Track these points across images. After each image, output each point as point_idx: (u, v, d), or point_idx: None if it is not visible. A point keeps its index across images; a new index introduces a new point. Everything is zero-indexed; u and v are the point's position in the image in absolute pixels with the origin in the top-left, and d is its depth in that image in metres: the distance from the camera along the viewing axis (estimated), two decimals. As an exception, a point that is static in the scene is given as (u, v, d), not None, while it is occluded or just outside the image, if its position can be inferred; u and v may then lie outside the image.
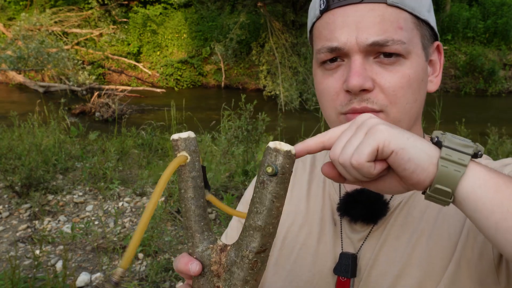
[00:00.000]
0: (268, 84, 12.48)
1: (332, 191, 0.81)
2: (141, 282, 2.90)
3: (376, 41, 0.65)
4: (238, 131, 4.84)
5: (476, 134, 5.59)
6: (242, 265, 0.48)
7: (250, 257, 0.48)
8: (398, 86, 0.67)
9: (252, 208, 0.48)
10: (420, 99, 0.71)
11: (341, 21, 0.67)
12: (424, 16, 0.70)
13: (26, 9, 15.99)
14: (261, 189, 0.47)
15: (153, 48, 15.15)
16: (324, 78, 0.71)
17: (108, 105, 9.63)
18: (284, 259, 0.80)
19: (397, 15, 0.67)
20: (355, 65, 0.66)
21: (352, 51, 0.66)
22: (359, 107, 0.67)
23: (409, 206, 0.72)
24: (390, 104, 0.67)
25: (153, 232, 3.31)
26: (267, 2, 13.19)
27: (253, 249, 0.48)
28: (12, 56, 10.76)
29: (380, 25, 0.66)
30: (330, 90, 0.70)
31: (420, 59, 0.69)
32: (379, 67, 0.67)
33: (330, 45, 0.68)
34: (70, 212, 3.99)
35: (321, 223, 0.79)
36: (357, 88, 0.65)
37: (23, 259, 3.16)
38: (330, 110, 0.71)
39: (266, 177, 0.47)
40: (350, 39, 0.66)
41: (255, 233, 0.47)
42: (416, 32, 0.69)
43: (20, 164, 4.37)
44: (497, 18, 14.41)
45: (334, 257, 0.74)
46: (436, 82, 0.75)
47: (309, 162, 0.88)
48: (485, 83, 13.24)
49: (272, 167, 0.46)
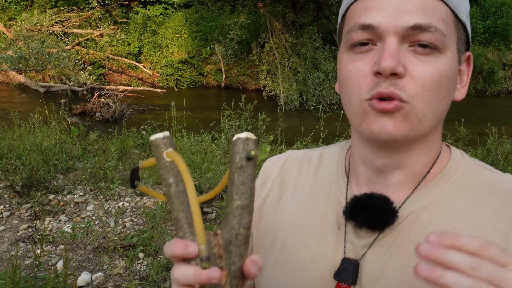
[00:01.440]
0: (268, 84, 12.49)
1: (339, 193, 0.76)
2: (141, 282, 2.91)
3: (419, 23, 0.61)
4: (238, 131, 4.86)
5: (476, 134, 5.59)
6: (237, 242, 0.53)
7: (243, 234, 0.53)
8: (430, 78, 0.62)
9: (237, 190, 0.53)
10: (446, 100, 0.67)
11: (380, 2, 0.63)
12: (463, 18, 0.67)
13: (27, 9, 16.00)
14: (241, 172, 0.53)
15: (154, 49, 15.16)
16: (351, 61, 0.66)
17: (108, 105, 9.65)
18: (281, 261, 0.77)
19: (439, 7, 0.64)
20: (389, 47, 0.62)
21: (387, 33, 0.62)
22: (386, 91, 0.62)
23: (425, 221, 0.68)
24: (418, 95, 0.62)
25: (153, 232, 3.33)
26: (267, 3, 13.19)
27: (245, 225, 0.53)
28: (13, 56, 10.78)
29: (423, 11, 0.62)
30: (358, 73, 0.65)
31: (454, 59, 0.66)
32: (413, 56, 0.63)
33: (364, 21, 0.64)
34: (71, 211, 4.00)
35: (323, 225, 0.75)
36: (389, 70, 0.60)
37: (24, 258, 3.17)
38: (354, 96, 0.66)
39: (244, 162, 0.53)
40: (387, 20, 0.62)
41: (243, 212, 0.53)
42: (454, 31, 0.66)
43: (21, 164, 4.38)
44: (496, 18, 14.42)
45: (334, 262, 0.71)
46: (462, 93, 0.71)
47: (316, 160, 0.84)
48: (485, 83, 13.25)
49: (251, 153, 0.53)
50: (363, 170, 0.74)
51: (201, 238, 0.50)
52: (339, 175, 0.78)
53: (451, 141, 4.87)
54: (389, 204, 0.68)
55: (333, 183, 0.78)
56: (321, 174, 0.81)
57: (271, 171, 0.87)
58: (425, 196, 0.69)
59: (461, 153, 0.75)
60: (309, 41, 13.10)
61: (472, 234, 0.47)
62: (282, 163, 0.87)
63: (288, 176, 0.85)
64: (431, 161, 0.71)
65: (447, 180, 0.70)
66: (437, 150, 0.72)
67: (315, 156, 0.85)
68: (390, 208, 0.68)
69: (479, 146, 5.04)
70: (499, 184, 0.69)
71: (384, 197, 0.69)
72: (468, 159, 0.74)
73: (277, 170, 0.86)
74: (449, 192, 0.69)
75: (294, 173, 0.84)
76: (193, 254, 0.51)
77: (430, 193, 0.70)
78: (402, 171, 0.70)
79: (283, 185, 0.84)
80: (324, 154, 0.85)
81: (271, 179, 0.86)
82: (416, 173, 0.70)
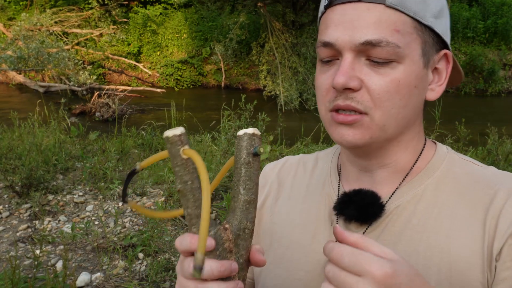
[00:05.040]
0: (268, 84, 12.48)
1: (331, 191, 0.81)
2: (141, 282, 2.90)
3: (369, 40, 0.64)
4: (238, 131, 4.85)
5: (476, 134, 5.59)
6: (244, 236, 0.56)
7: (250, 227, 0.56)
8: (384, 89, 0.66)
9: (244, 185, 0.55)
10: (410, 105, 0.69)
11: (337, 18, 0.67)
12: (428, 22, 0.68)
13: (26, 9, 15.99)
14: (248, 168, 0.55)
15: (153, 48, 15.15)
16: (319, 74, 0.72)
17: (108, 105, 9.64)
18: (278, 258, 0.81)
19: (395, 18, 0.66)
20: (344, 63, 0.66)
21: (343, 49, 0.66)
22: (343, 104, 0.67)
23: (409, 213, 0.72)
24: (374, 107, 0.66)
25: (153, 232, 3.32)
26: (267, 2, 13.19)
27: (251, 219, 0.56)
28: (12, 56, 10.77)
29: (375, 25, 0.65)
30: (322, 87, 0.71)
31: (415, 66, 0.68)
32: (369, 68, 0.66)
33: (324, 39, 0.68)
34: (70, 212, 3.99)
35: (316, 222, 0.79)
36: (340, 86, 0.65)
37: (23, 259, 3.16)
38: (321, 106, 0.72)
39: (251, 158, 0.55)
40: (343, 37, 0.66)
41: (250, 206, 0.55)
42: (415, 37, 0.67)
43: (20, 164, 4.37)
44: (497, 18, 14.42)
45: None
46: (438, 91, 0.74)
47: (311, 163, 0.88)
48: (485, 83, 13.25)
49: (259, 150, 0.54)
50: (350, 169, 0.79)
51: (202, 245, 0.51)
52: (332, 175, 0.83)
53: (452, 141, 4.87)
54: (376, 199, 0.72)
55: (326, 183, 0.83)
56: (316, 175, 0.86)
57: (269, 175, 0.92)
58: (410, 190, 0.73)
59: (447, 148, 0.79)
60: (309, 41, 13.09)
61: None
62: (279, 168, 0.92)
63: (284, 179, 0.89)
64: (413, 157, 0.75)
65: (431, 174, 0.74)
66: (416, 147, 0.76)
67: (311, 160, 0.90)
68: (377, 202, 0.72)
69: (480, 146, 5.04)
70: (480, 176, 0.72)
71: (372, 192, 0.73)
72: (453, 154, 0.78)
73: (274, 174, 0.91)
74: (433, 185, 0.73)
75: (291, 176, 0.89)
76: (209, 248, 0.53)
77: (415, 186, 0.73)
78: (386, 169, 0.75)
79: (280, 188, 0.89)
80: (319, 157, 0.90)
81: (269, 183, 0.90)
82: (399, 169, 0.75)
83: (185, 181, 0.54)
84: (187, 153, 0.53)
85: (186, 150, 0.53)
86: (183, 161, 0.53)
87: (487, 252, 0.65)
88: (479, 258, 0.66)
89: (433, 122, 5.25)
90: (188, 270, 0.54)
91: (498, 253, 0.65)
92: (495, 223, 0.66)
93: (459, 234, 0.68)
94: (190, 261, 0.54)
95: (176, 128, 0.54)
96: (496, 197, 0.68)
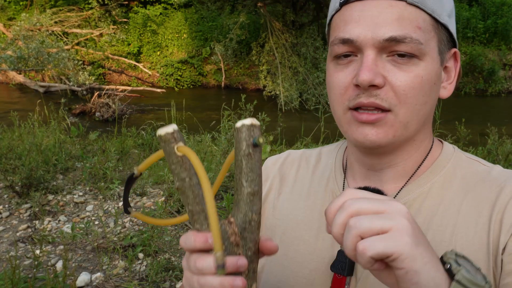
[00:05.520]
0: (268, 84, 12.48)
1: (335, 188, 0.80)
2: (141, 282, 2.90)
3: (393, 36, 0.64)
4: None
5: (476, 134, 5.59)
6: (251, 229, 0.55)
7: (256, 219, 0.55)
8: (410, 86, 0.66)
9: (246, 177, 0.54)
10: (430, 103, 0.70)
11: (357, 15, 0.66)
12: (444, 20, 0.69)
13: (26, 9, 15.99)
14: (249, 159, 0.53)
15: (153, 48, 15.15)
16: (335, 72, 0.70)
17: (108, 105, 9.64)
18: (282, 255, 0.80)
19: (416, 15, 0.66)
20: (367, 59, 0.65)
21: (365, 46, 0.66)
22: (366, 102, 0.66)
23: (415, 210, 0.72)
24: (399, 103, 0.66)
25: (153, 232, 3.32)
26: (267, 2, 13.19)
27: (257, 211, 0.55)
28: (12, 56, 10.77)
29: (398, 21, 0.65)
30: (340, 84, 0.69)
31: (434, 63, 0.68)
32: (391, 65, 0.66)
33: (343, 36, 0.67)
34: (70, 212, 3.99)
35: (320, 219, 0.78)
36: (367, 82, 0.64)
37: (23, 259, 3.16)
38: (337, 105, 0.70)
39: (251, 149, 0.53)
40: (365, 33, 0.65)
41: (254, 198, 0.54)
42: (433, 35, 0.68)
43: (20, 164, 4.37)
44: (497, 18, 14.42)
45: (332, 254, 0.74)
46: (450, 89, 0.74)
47: (314, 159, 0.88)
48: (485, 83, 13.25)
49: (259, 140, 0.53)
50: (358, 168, 0.78)
51: (218, 244, 0.49)
52: (336, 172, 0.82)
53: (452, 141, 4.87)
54: None
55: (330, 179, 0.82)
56: (319, 171, 0.85)
57: (271, 169, 0.90)
58: (416, 188, 0.74)
59: (453, 147, 0.79)
60: (309, 41, 13.09)
61: None
62: (282, 162, 0.90)
63: (287, 174, 0.88)
64: (421, 157, 0.75)
65: (438, 173, 0.74)
66: (427, 147, 0.76)
67: (314, 155, 0.89)
68: None
69: (480, 146, 5.04)
70: (487, 175, 0.73)
71: (378, 190, 0.73)
72: (460, 153, 0.78)
73: (276, 168, 0.90)
74: (439, 184, 0.73)
75: (293, 170, 0.88)
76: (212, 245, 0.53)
77: (422, 185, 0.74)
78: (394, 169, 0.75)
79: (282, 182, 0.88)
80: (323, 152, 0.89)
81: (271, 177, 0.89)
82: (407, 169, 0.75)
83: (182, 178, 0.53)
84: (181, 150, 0.52)
85: (180, 147, 0.52)
86: (178, 158, 0.52)
87: (493, 247, 0.66)
88: (484, 253, 0.66)
89: (433, 122, 5.24)
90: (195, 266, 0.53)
91: (504, 247, 0.65)
92: (500, 218, 0.66)
93: (465, 230, 0.68)
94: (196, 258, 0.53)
95: (169, 125, 0.53)
96: (501, 194, 0.68)
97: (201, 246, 0.53)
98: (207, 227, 0.54)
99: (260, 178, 0.55)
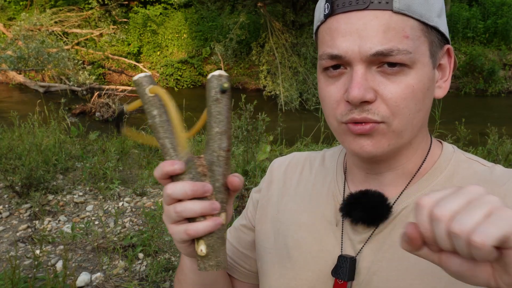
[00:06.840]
0: (268, 84, 12.49)
1: (336, 191, 0.80)
2: (141, 282, 2.90)
3: (380, 51, 0.63)
4: (238, 131, 4.85)
5: (476, 134, 5.59)
6: (219, 163, 0.62)
7: (223, 155, 0.62)
8: (401, 97, 0.64)
9: (215, 119, 0.61)
10: (424, 109, 0.69)
11: (343, 28, 0.65)
12: (433, 22, 0.67)
13: (26, 9, 15.99)
14: (217, 104, 0.61)
15: (153, 48, 15.16)
16: (326, 85, 0.69)
17: (108, 105, 9.65)
18: (283, 257, 0.80)
19: (403, 23, 0.64)
20: (356, 75, 0.64)
21: (354, 60, 0.64)
22: (359, 117, 0.65)
23: None
24: (392, 115, 0.65)
25: (153, 232, 3.32)
26: (267, 2, 13.19)
27: (225, 148, 0.61)
28: (12, 56, 10.77)
29: (384, 34, 0.63)
30: (331, 99, 0.68)
31: (426, 68, 0.67)
32: (382, 77, 0.65)
33: (331, 52, 0.66)
34: (70, 212, 3.99)
35: (322, 223, 0.78)
36: (357, 100, 0.63)
37: (23, 259, 3.16)
38: (331, 118, 0.70)
39: (219, 95, 0.61)
40: (352, 48, 0.64)
41: (222, 136, 0.61)
42: (423, 39, 0.66)
43: (20, 164, 4.38)
44: (497, 18, 14.42)
45: (334, 258, 0.74)
46: (445, 87, 0.73)
47: (318, 162, 0.87)
48: (485, 83, 13.24)
49: (224, 85, 0.60)
50: (357, 172, 0.78)
51: (182, 145, 0.60)
52: (338, 175, 0.82)
53: (452, 141, 4.87)
54: (383, 200, 0.72)
55: (332, 183, 0.82)
56: (321, 174, 0.85)
57: (277, 172, 0.91)
58: (417, 191, 0.73)
59: (453, 147, 0.78)
60: (309, 41, 13.09)
61: None
62: (287, 165, 0.91)
63: (290, 177, 0.88)
64: (420, 159, 0.75)
65: (438, 174, 0.74)
66: (425, 148, 0.75)
67: (317, 158, 0.89)
68: (384, 203, 0.71)
69: (480, 146, 5.04)
70: (487, 175, 0.72)
71: (379, 193, 0.72)
72: (460, 154, 0.77)
73: (282, 171, 0.90)
74: (440, 185, 0.72)
75: (297, 173, 0.88)
76: (179, 170, 0.60)
77: (423, 187, 0.73)
78: (394, 171, 0.74)
79: (285, 185, 0.88)
80: (326, 155, 0.88)
81: (276, 180, 0.90)
82: (407, 171, 0.74)
83: (153, 115, 0.60)
84: (152, 90, 0.60)
85: (152, 88, 0.60)
86: (150, 98, 0.60)
87: None
88: None
89: (433, 122, 5.25)
90: (167, 191, 0.60)
91: None
92: None
93: None
94: (168, 185, 0.61)
95: (143, 73, 0.62)
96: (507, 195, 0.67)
97: (168, 168, 0.59)
98: (175, 157, 0.60)
99: (228, 121, 0.62)
